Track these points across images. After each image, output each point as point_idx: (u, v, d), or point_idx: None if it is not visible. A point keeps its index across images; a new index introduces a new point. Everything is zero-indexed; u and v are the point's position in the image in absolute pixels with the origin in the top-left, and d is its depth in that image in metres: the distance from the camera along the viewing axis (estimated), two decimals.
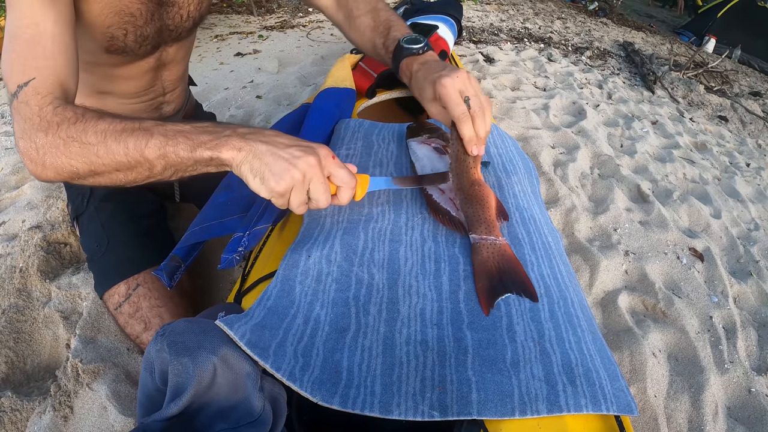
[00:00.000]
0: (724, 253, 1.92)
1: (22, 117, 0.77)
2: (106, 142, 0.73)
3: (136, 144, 0.73)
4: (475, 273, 0.76)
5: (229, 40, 3.86)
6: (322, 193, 0.74)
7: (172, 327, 0.60)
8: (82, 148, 0.74)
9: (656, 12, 8.65)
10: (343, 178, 0.76)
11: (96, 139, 0.74)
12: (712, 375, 1.32)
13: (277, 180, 0.70)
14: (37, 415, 1.01)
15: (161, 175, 0.77)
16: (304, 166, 0.71)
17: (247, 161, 0.71)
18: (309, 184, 0.72)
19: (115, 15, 0.95)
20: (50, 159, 0.75)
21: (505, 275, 0.75)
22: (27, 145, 0.76)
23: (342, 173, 0.76)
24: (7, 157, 2.05)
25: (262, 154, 0.71)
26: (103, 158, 0.74)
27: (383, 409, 0.59)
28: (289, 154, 0.72)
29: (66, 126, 0.75)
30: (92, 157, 0.74)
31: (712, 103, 3.73)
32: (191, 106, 1.50)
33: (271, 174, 0.70)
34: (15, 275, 1.30)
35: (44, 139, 0.75)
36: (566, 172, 2.18)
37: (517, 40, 4.22)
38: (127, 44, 1.01)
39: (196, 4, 1.10)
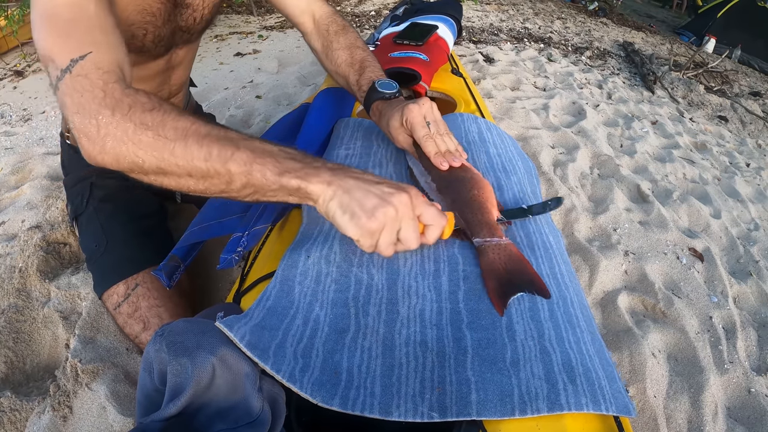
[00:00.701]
0: (724, 253, 1.92)
1: (79, 91, 0.69)
2: (187, 142, 0.68)
3: (221, 153, 0.68)
4: (484, 275, 0.76)
5: (228, 40, 3.86)
6: (412, 232, 0.70)
7: (171, 327, 0.60)
8: (155, 140, 0.67)
9: (656, 12, 8.65)
10: (434, 216, 0.72)
11: (175, 134, 0.68)
12: (711, 375, 1.32)
13: (369, 217, 0.66)
14: (36, 415, 1.01)
15: (238, 192, 0.71)
16: (398, 203, 0.67)
17: (336, 196, 0.67)
18: (401, 223, 0.68)
19: (138, 13, 0.95)
20: (113, 143, 0.68)
21: (513, 275, 0.75)
22: (85, 122, 0.68)
23: (432, 212, 0.72)
24: (7, 156, 2.05)
25: (351, 190, 0.67)
26: (178, 158, 0.68)
27: (383, 411, 0.59)
28: (380, 190, 0.68)
29: (140, 110, 0.68)
30: (165, 153, 0.68)
31: (712, 103, 3.73)
32: (191, 108, 1.50)
33: (363, 210, 0.66)
34: (14, 275, 1.30)
35: (110, 117, 0.67)
36: (566, 172, 2.18)
37: (517, 40, 4.22)
38: (146, 44, 1.01)
39: (210, 8, 1.11)
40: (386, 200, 0.66)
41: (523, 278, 0.75)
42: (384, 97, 1.05)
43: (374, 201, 0.66)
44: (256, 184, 0.69)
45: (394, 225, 0.67)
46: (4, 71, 3.19)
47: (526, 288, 0.74)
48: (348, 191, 0.67)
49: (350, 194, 0.67)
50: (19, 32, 3.27)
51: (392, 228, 0.68)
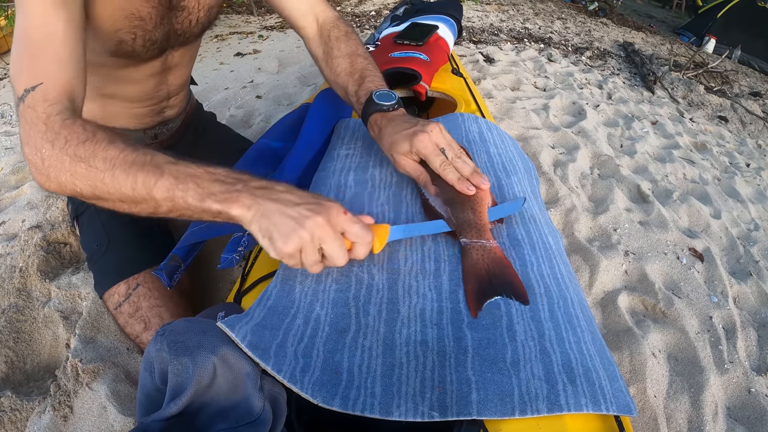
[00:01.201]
0: (724, 254, 1.92)
1: (28, 122, 0.74)
2: (114, 172, 0.71)
3: (145, 180, 0.70)
4: (464, 276, 0.76)
5: (229, 40, 3.86)
6: (337, 251, 0.70)
7: (172, 327, 0.60)
8: (88, 171, 0.71)
9: (656, 12, 8.65)
10: (357, 233, 0.72)
11: (104, 165, 0.71)
12: (711, 375, 1.32)
13: (285, 241, 0.67)
14: (36, 414, 1.01)
15: (166, 215, 0.74)
16: (312, 225, 0.68)
17: (255, 220, 0.68)
18: (320, 244, 0.69)
19: (125, 19, 0.94)
20: (54, 173, 0.73)
21: (494, 278, 0.75)
22: (32, 154, 0.74)
23: (355, 228, 0.72)
24: (6, 156, 2.05)
25: (270, 214, 0.68)
26: (108, 186, 0.71)
27: (383, 411, 0.59)
28: (298, 213, 0.69)
29: (75, 143, 0.72)
30: (98, 182, 0.71)
31: (712, 104, 3.73)
32: (192, 107, 1.50)
33: (279, 235, 0.67)
34: (15, 275, 1.30)
35: (50, 151, 0.72)
36: (566, 172, 2.18)
37: (517, 41, 4.22)
38: (135, 48, 1.00)
39: (206, 10, 1.09)
40: (301, 224, 0.67)
41: (504, 281, 0.75)
42: (382, 109, 1.00)
43: (289, 225, 0.67)
44: (180, 208, 0.71)
45: (311, 246, 0.68)
46: (5, 71, 3.19)
47: (505, 292, 0.73)
48: (266, 215, 0.68)
49: (268, 218, 0.68)
50: None
51: (310, 249, 0.69)
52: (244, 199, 0.69)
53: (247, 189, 0.71)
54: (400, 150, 0.92)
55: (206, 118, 1.60)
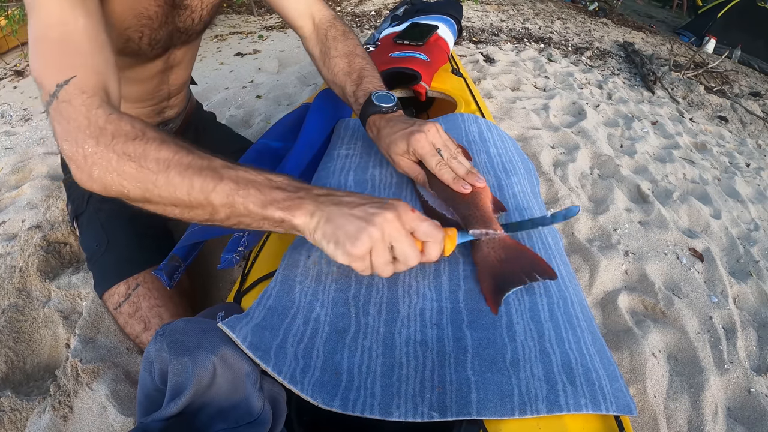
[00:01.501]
0: (724, 254, 1.92)
1: (66, 118, 0.69)
2: (168, 174, 0.67)
3: (203, 185, 0.66)
4: (479, 272, 0.76)
5: (229, 40, 3.86)
6: (408, 248, 0.66)
7: (172, 327, 0.60)
8: (138, 172, 0.67)
9: (656, 12, 8.65)
10: (427, 231, 0.68)
11: (157, 166, 0.67)
12: (711, 375, 1.32)
13: (353, 241, 0.63)
14: (36, 414, 1.01)
15: (222, 222, 0.70)
16: (382, 221, 0.64)
17: (320, 227, 0.65)
18: (391, 242, 0.66)
19: (134, 17, 0.94)
20: (99, 172, 0.68)
21: (509, 266, 0.75)
22: (73, 150, 0.68)
23: (425, 227, 0.68)
24: (6, 156, 2.05)
25: (334, 217, 0.65)
26: (161, 189, 0.67)
27: (383, 411, 0.59)
28: (364, 212, 0.66)
29: (123, 140, 0.67)
30: (149, 184, 0.67)
31: (712, 104, 3.73)
32: (192, 107, 1.50)
33: (347, 237, 0.64)
34: (15, 275, 1.30)
35: (94, 147, 0.67)
36: (566, 172, 2.18)
37: (517, 41, 4.22)
38: (141, 47, 1.00)
39: (209, 10, 1.10)
40: (369, 221, 0.64)
41: (523, 264, 0.75)
42: (381, 111, 1.00)
43: (357, 224, 0.64)
44: (240, 215, 0.68)
45: (381, 245, 0.65)
46: (5, 71, 3.19)
47: (527, 276, 0.73)
48: (330, 219, 0.65)
49: (333, 222, 0.65)
50: (19, 32, 3.27)
51: (381, 249, 0.65)
52: (307, 206, 0.66)
53: (310, 196, 0.68)
54: (398, 150, 0.92)
55: (206, 118, 1.60)
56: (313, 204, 0.67)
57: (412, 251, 0.67)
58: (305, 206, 0.66)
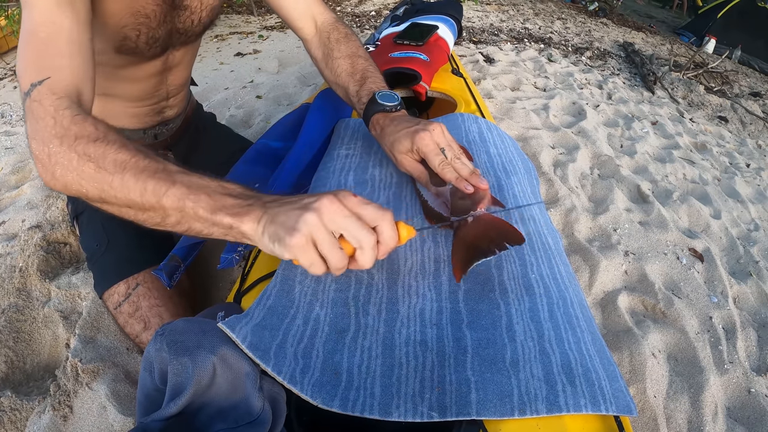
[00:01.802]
0: (724, 254, 1.92)
1: (35, 117, 0.71)
2: (124, 176, 0.67)
3: (156, 188, 0.67)
4: (453, 244, 0.77)
5: (229, 40, 3.86)
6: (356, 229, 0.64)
7: (172, 326, 0.60)
8: (96, 173, 0.68)
9: (656, 12, 8.65)
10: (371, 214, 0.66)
11: (114, 168, 0.68)
12: (711, 375, 1.32)
13: (291, 232, 0.62)
14: (36, 414, 1.01)
15: (173, 227, 0.70)
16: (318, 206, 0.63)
17: (266, 230, 0.64)
18: (333, 227, 0.64)
19: (131, 15, 0.94)
20: (61, 171, 0.69)
21: (482, 239, 0.75)
22: (39, 149, 0.70)
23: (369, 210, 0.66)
24: (7, 156, 2.05)
25: (276, 216, 0.64)
26: (116, 191, 0.68)
27: (383, 411, 0.59)
28: (301, 204, 0.64)
29: (85, 141, 0.69)
30: (105, 185, 0.68)
31: (712, 104, 3.73)
32: (192, 108, 1.50)
33: (285, 230, 0.62)
34: (15, 275, 1.30)
35: (58, 147, 0.69)
36: (566, 172, 2.18)
37: (517, 41, 4.22)
38: (139, 45, 1.01)
39: (208, 11, 1.10)
40: (306, 209, 0.63)
41: (492, 236, 0.75)
42: (385, 110, 1.00)
43: (293, 215, 0.63)
44: (190, 220, 0.68)
45: (323, 231, 0.63)
46: (5, 71, 3.19)
47: (497, 247, 0.73)
48: (273, 220, 0.64)
49: (275, 221, 0.64)
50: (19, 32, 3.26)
51: (323, 234, 0.63)
52: (255, 212, 0.66)
53: (259, 203, 0.67)
54: (402, 148, 0.91)
55: (206, 119, 1.60)
56: (261, 209, 0.66)
57: (359, 231, 0.64)
58: (253, 212, 0.66)
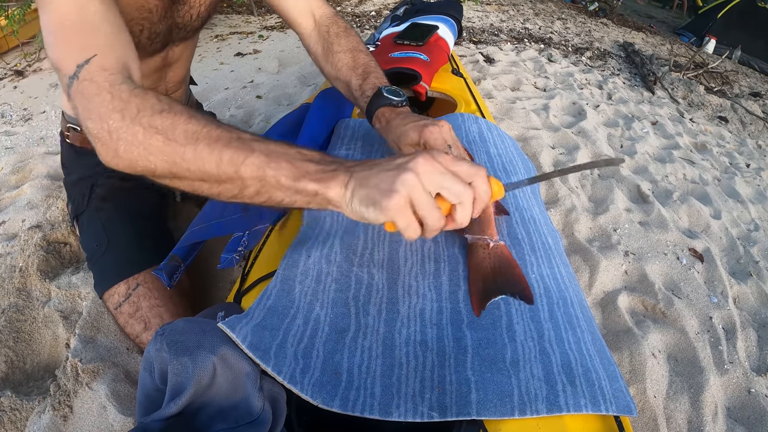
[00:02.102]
0: (724, 254, 1.92)
1: (87, 96, 0.67)
2: (197, 147, 0.64)
3: (233, 157, 0.64)
4: (470, 273, 0.76)
5: (229, 40, 3.86)
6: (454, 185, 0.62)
7: (172, 327, 0.60)
8: (166, 145, 0.65)
9: (656, 12, 8.65)
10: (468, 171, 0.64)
11: (185, 139, 0.65)
12: (711, 375, 1.32)
13: (388, 195, 0.59)
14: (36, 414, 1.01)
15: (252, 198, 0.67)
16: (414, 165, 0.61)
17: (355, 195, 0.61)
18: (431, 186, 0.61)
19: (136, 9, 0.94)
20: (125, 147, 0.66)
21: (500, 276, 0.75)
22: (97, 127, 0.66)
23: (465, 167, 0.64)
24: (7, 156, 2.05)
25: (366, 180, 0.61)
26: (189, 163, 0.65)
27: (383, 411, 0.59)
28: (394, 165, 0.62)
29: (149, 113, 0.66)
30: (177, 158, 0.65)
31: (712, 104, 3.73)
32: (192, 107, 1.50)
33: (380, 193, 0.59)
34: (15, 275, 1.30)
35: (120, 122, 0.65)
36: None
37: (518, 41, 4.22)
38: (141, 41, 1.01)
39: (206, 5, 1.10)
40: (401, 169, 0.60)
41: (510, 280, 0.75)
42: (392, 104, 0.99)
43: (388, 177, 0.60)
44: (271, 189, 0.65)
45: (421, 191, 0.60)
46: (5, 71, 3.19)
47: (510, 291, 0.73)
48: (363, 184, 0.61)
49: (366, 185, 0.61)
50: (19, 32, 3.26)
51: (422, 194, 0.60)
52: (340, 176, 0.63)
53: (343, 167, 0.64)
54: (408, 141, 0.90)
55: None
56: (346, 174, 0.63)
57: (457, 186, 0.62)
58: (339, 177, 0.63)
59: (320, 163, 0.65)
